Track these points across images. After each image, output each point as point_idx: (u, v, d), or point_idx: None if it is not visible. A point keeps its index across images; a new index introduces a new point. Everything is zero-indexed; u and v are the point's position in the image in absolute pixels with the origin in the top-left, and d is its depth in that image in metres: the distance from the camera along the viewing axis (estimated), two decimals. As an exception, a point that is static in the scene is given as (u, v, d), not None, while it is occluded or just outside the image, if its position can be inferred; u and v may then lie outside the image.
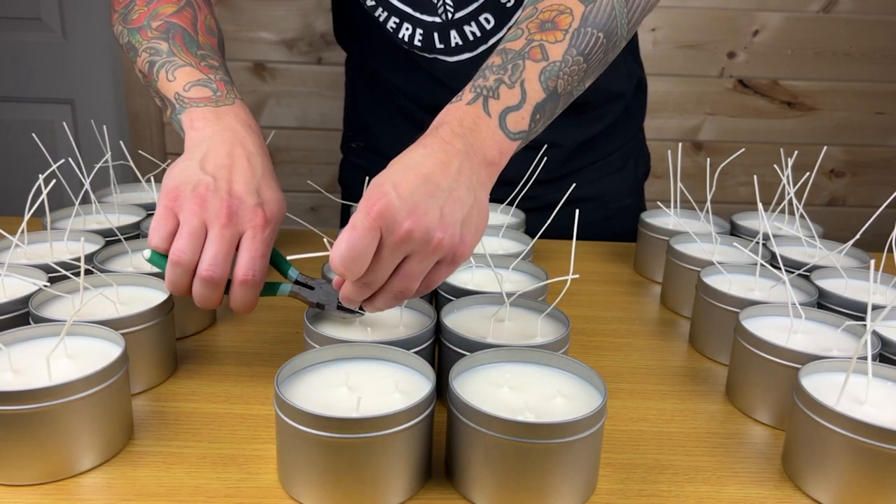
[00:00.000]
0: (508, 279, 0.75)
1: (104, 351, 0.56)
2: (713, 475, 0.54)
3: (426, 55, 0.94)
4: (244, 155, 0.63)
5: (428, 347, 0.60)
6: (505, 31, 0.91)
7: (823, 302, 0.73)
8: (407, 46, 0.94)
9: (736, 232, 0.95)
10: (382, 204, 0.52)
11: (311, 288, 0.63)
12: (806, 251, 0.87)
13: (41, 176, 0.71)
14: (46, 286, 0.64)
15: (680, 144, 0.99)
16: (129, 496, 0.49)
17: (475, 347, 0.58)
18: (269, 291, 0.62)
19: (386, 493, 0.48)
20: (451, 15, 0.90)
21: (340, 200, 1.03)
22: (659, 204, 0.98)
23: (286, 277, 0.64)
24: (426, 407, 0.49)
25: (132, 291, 0.67)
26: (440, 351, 0.62)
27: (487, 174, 0.58)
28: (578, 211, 0.66)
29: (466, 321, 0.65)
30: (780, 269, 0.75)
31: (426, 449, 0.50)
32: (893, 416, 0.52)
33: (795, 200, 0.85)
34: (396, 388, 0.52)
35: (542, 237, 0.90)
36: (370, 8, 0.92)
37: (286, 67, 1.84)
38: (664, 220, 0.97)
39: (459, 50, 0.93)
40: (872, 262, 0.69)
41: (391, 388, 0.52)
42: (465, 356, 0.55)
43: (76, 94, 1.94)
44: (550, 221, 0.78)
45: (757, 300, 0.69)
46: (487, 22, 0.90)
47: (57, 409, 0.49)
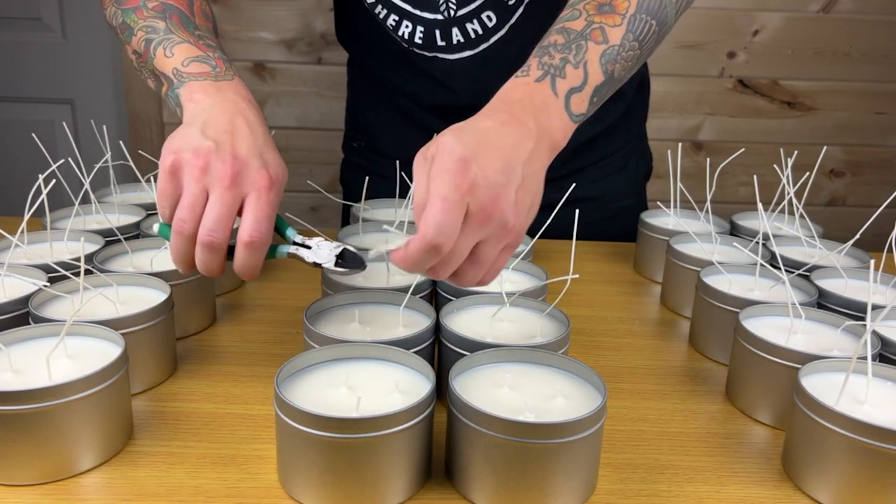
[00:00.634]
0: (508, 279, 0.75)
1: (104, 351, 0.56)
2: (713, 475, 0.54)
3: (426, 53, 0.94)
4: (245, 123, 0.62)
5: (427, 347, 0.60)
6: (506, 28, 0.91)
7: (823, 302, 0.73)
8: (407, 45, 0.94)
9: (736, 232, 0.95)
10: (471, 180, 0.50)
11: (308, 248, 0.62)
12: (806, 251, 0.87)
13: (41, 176, 0.71)
14: (46, 286, 0.64)
15: (680, 144, 0.99)
16: (129, 496, 0.49)
17: (475, 347, 0.58)
18: (268, 255, 0.60)
19: (386, 493, 0.48)
20: (453, 12, 0.90)
21: (340, 200, 1.03)
22: (659, 204, 0.98)
23: (285, 239, 0.63)
24: (426, 407, 0.49)
25: (132, 291, 0.67)
26: (440, 351, 0.62)
27: (549, 157, 0.59)
28: (579, 211, 0.66)
29: (466, 321, 0.65)
30: (779, 269, 0.75)
31: (426, 449, 0.50)
32: (893, 416, 0.52)
33: (795, 200, 0.85)
34: (396, 388, 0.52)
35: (542, 237, 0.90)
36: (370, 6, 0.92)
37: (286, 67, 1.84)
38: (664, 220, 0.97)
39: (461, 48, 0.93)
40: (872, 262, 0.69)
41: (391, 388, 0.52)
42: (464, 356, 0.55)
43: (76, 94, 1.94)
44: (551, 221, 0.78)
45: (757, 300, 0.69)
46: (489, 20, 0.90)
47: (57, 409, 0.49)
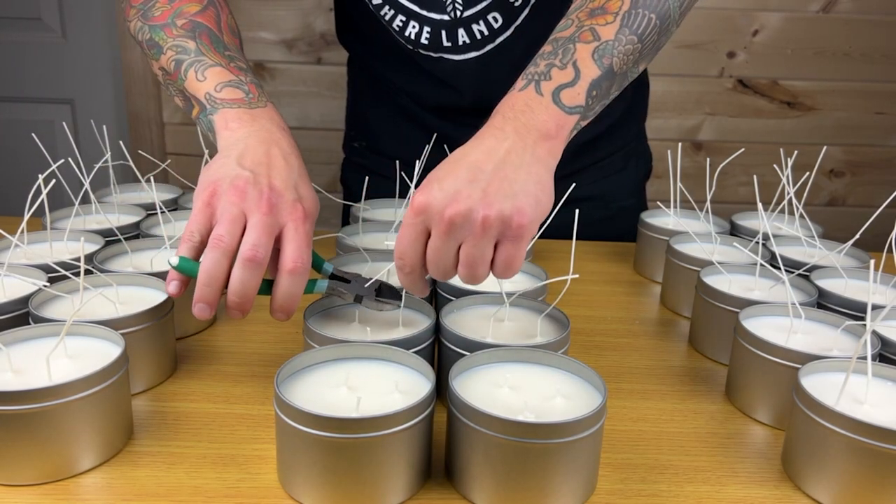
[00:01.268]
0: (508, 279, 0.75)
1: (104, 351, 0.56)
2: (713, 475, 0.54)
3: (431, 54, 0.94)
4: (281, 154, 0.64)
5: (427, 347, 0.60)
6: (512, 30, 0.91)
7: (823, 302, 0.73)
8: (412, 46, 0.94)
9: (736, 232, 0.95)
10: (423, 198, 0.55)
11: (347, 282, 0.63)
12: (806, 251, 0.87)
13: (41, 176, 0.71)
14: (46, 286, 0.64)
15: (680, 144, 0.99)
16: (129, 496, 0.49)
17: (475, 347, 0.58)
18: (306, 289, 0.61)
19: (386, 493, 0.48)
20: (459, 13, 0.90)
21: (341, 200, 1.03)
22: (659, 204, 0.98)
23: (321, 273, 0.64)
24: (426, 407, 0.49)
25: (132, 291, 0.67)
26: (440, 351, 0.62)
27: (546, 149, 0.59)
28: (579, 211, 0.66)
29: (466, 321, 0.65)
30: (779, 269, 0.75)
31: (426, 449, 0.50)
32: (893, 415, 0.52)
33: (795, 200, 0.85)
34: (396, 388, 0.52)
35: (542, 237, 0.90)
36: (376, 7, 0.92)
37: (286, 67, 1.84)
38: (664, 220, 0.97)
39: (467, 48, 0.93)
40: (872, 262, 0.69)
41: (391, 388, 0.52)
42: (464, 356, 0.55)
43: (76, 94, 1.94)
44: (551, 221, 0.78)
45: (757, 300, 0.69)
46: (495, 21, 0.90)
47: (57, 409, 0.49)
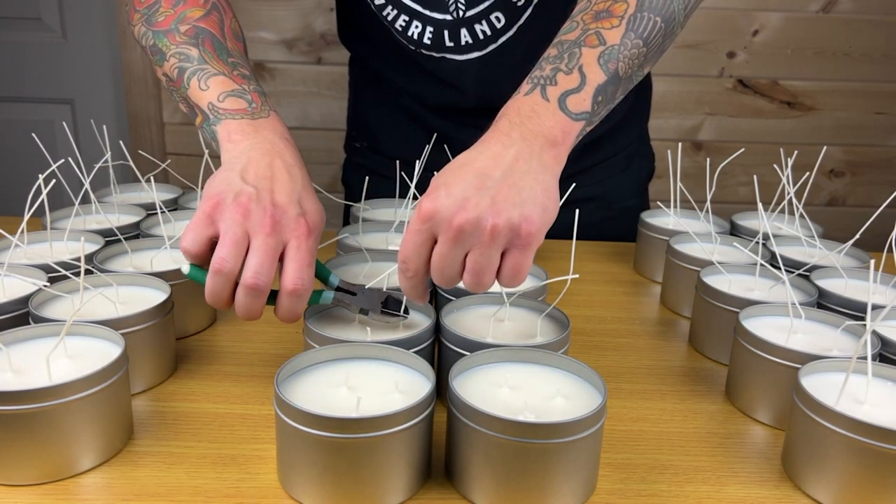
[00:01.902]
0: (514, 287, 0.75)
1: (104, 351, 0.56)
2: (713, 475, 0.54)
3: (434, 54, 0.94)
4: (284, 167, 0.63)
5: (427, 347, 0.60)
6: (514, 29, 0.91)
7: (823, 302, 0.73)
8: (414, 46, 0.94)
9: (736, 232, 0.95)
10: (430, 205, 0.54)
11: (353, 294, 0.62)
12: (806, 251, 0.87)
13: (41, 176, 0.71)
14: (46, 286, 0.64)
15: (680, 144, 0.99)
16: (129, 496, 0.49)
17: (475, 347, 0.58)
18: (312, 300, 0.61)
19: (386, 493, 0.48)
20: (462, 13, 0.90)
21: (341, 200, 1.03)
22: (659, 204, 0.98)
23: (327, 285, 0.63)
24: (426, 407, 0.49)
25: (132, 291, 0.67)
26: (440, 351, 0.62)
27: (552, 156, 0.58)
28: (581, 211, 0.66)
29: (466, 321, 0.65)
30: (779, 268, 0.75)
31: (426, 449, 0.50)
32: (893, 415, 0.52)
33: (795, 200, 0.85)
34: (396, 388, 0.52)
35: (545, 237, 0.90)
36: (378, 7, 0.92)
37: (286, 67, 1.84)
38: (664, 220, 0.97)
39: (469, 49, 0.93)
40: (872, 261, 0.69)
41: (391, 388, 0.52)
42: (464, 356, 0.55)
43: (76, 94, 1.94)
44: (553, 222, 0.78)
45: (757, 300, 0.69)
46: (498, 21, 0.90)
47: (57, 409, 0.49)
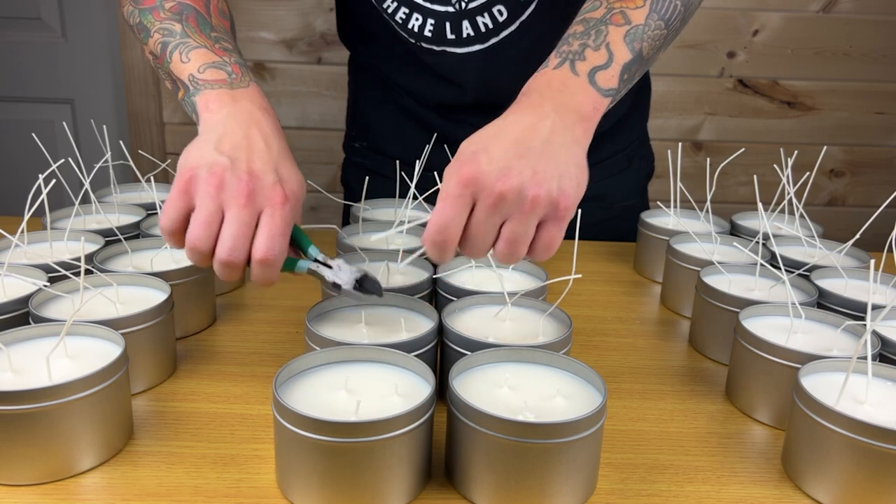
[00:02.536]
0: (508, 279, 0.75)
1: (104, 351, 0.56)
2: (713, 475, 0.54)
3: (434, 48, 0.94)
4: (261, 136, 0.62)
5: (430, 350, 0.60)
6: (517, 24, 0.92)
7: (823, 302, 0.73)
8: (415, 39, 0.94)
9: (736, 232, 0.95)
10: (471, 170, 0.53)
11: (329, 267, 0.62)
12: (806, 251, 0.87)
13: (41, 176, 0.71)
14: (46, 286, 0.64)
15: (680, 144, 0.99)
16: (129, 496, 0.49)
17: (477, 347, 0.58)
18: (287, 267, 0.60)
19: (386, 497, 0.48)
20: (464, 5, 0.90)
21: (341, 200, 1.03)
22: (659, 204, 0.98)
23: (306, 255, 0.63)
24: (426, 410, 0.49)
25: (132, 291, 0.67)
26: (443, 351, 0.62)
27: (583, 130, 0.59)
28: (583, 211, 0.66)
29: (468, 321, 0.65)
30: (779, 268, 0.75)
31: (426, 452, 0.50)
32: (893, 415, 0.52)
33: (795, 200, 0.85)
34: (396, 391, 0.52)
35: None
36: (378, 0, 0.92)
37: (286, 67, 1.84)
38: (664, 219, 0.97)
39: (470, 41, 0.93)
40: (872, 261, 0.69)
41: (390, 391, 0.52)
42: (465, 356, 0.55)
43: (76, 94, 1.94)
44: None
45: (757, 300, 0.69)
46: (500, 14, 0.90)
47: (57, 409, 0.49)
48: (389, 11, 0.93)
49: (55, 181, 0.73)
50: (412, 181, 0.86)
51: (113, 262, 0.75)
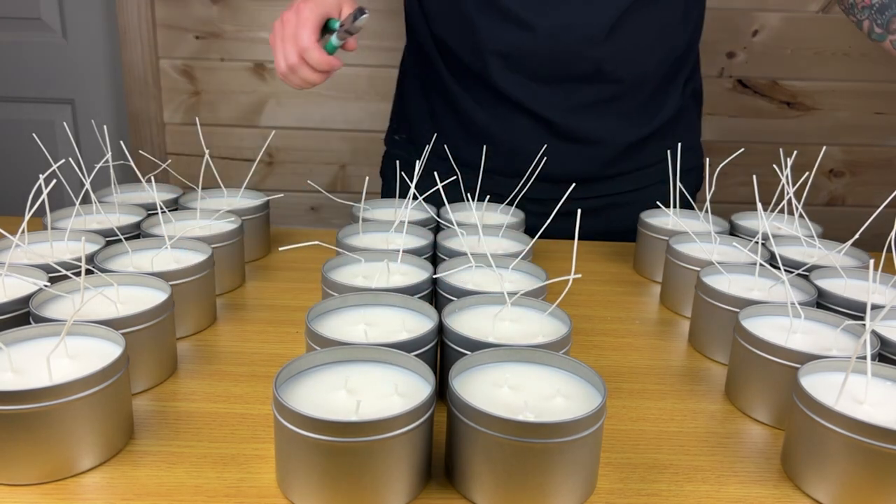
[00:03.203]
0: (508, 279, 0.75)
1: (104, 351, 0.56)
2: (713, 475, 0.55)
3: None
4: None
5: (431, 349, 0.60)
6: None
7: (823, 302, 0.73)
8: None
9: (735, 232, 0.95)
10: None
11: (344, 28, 0.89)
12: (805, 251, 0.87)
13: (41, 176, 0.71)
14: (47, 286, 0.64)
15: (679, 144, 0.99)
16: (129, 496, 0.49)
17: (477, 347, 0.58)
18: (328, 49, 0.89)
19: (386, 497, 0.48)
20: None
21: (341, 200, 1.03)
22: (658, 204, 0.98)
23: (333, 32, 0.90)
24: (426, 410, 0.49)
25: (132, 291, 0.67)
26: (443, 351, 0.62)
27: None
28: (580, 213, 0.65)
29: (468, 321, 0.65)
30: (779, 268, 0.75)
31: (426, 452, 0.50)
32: (893, 415, 0.52)
33: (795, 200, 0.85)
34: (396, 390, 0.52)
35: (544, 237, 0.90)
36: None
37: (286, 67, 1.83)
38: (664, 219, 0.97)
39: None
40: (872, 261, 0.69)
41: (390, 390, 0.52)
42: (465, 356, 0.55)
43: (76, 94, 1.94)
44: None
45: (756, 300, 0.69)
46: None
47: (57, 409, 0.49)
48: None
49: (56, 181, 0.73)
50: (412, 181, 0.86)
51: (113, 262, 0.75)
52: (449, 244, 0.83)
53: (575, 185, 0.88)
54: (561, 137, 1.02)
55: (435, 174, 0.93)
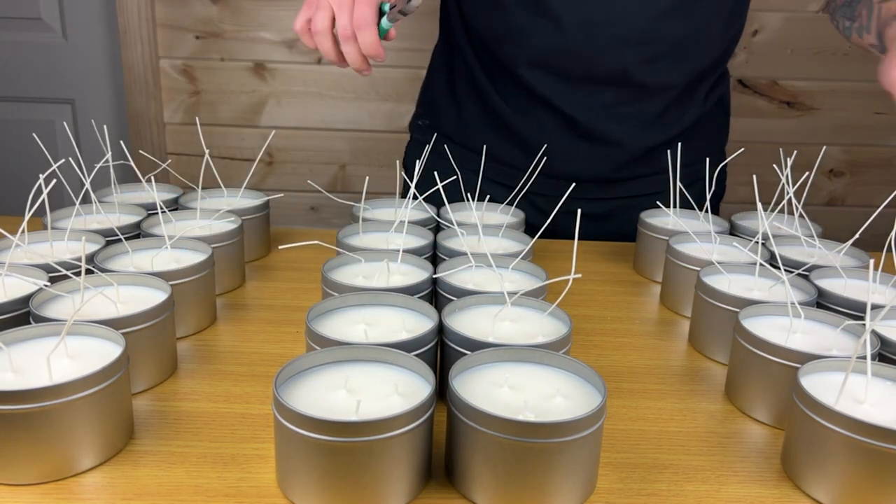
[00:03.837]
0: (508, 279, 0.75)
1: (104, 351, 0.56)
2: (712, 475, 0.55)
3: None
4: None
5: (430, 349, 0.60)
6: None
7: (823, 301, 0.73)
8: None
9: (735, 232, 0.95)
10: None
11: (395, 8, 0.81)
12: (805, 251, 0.87)
13: (41, 176, 0.71)
14: (47, 286, 0.64)
15: (679, 144, 0.99)
16: (129, 496, 0.49)
17: (477, 347, 0.58)
18: (380, 33, 0.82)
19: (386, 497, 0.48)
20: None
21: (341, 200, 1.03)
22: (658, 204, 0.98)
23: (384, 14, 0.82)
24: (426, 410, 0.49)
25: (132, 291, 0.67)
26: (443, 351, 0.62)
27: None
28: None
29: (468, 321, 0.65)
30: (779, 268, 0.75)
31: (427, 452, 0.50)
32: (893, 415, 0.52)
33: (795, 200, 0.85)
34: (396, 390, 0.52)
35: (543, 237, 0.90)
36: None
37: (286, 67, 1.84)
38: (664, 219, 0.97)
39: None
40: (872, 261, 0.69)
41: (391, 390, 0.52)
42: (465, 356, 0.55)
43: (76, 94, 1.94)
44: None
45: (756, 300, 0.69)
46: None
47: (57, 408, 0.49)
48: None
49: (56, 181, 0.73)
50: (412, 181, 0.86)
51: (113, 261, 0.75)
52: (449, 244, 0.83)
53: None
54: (580, 136, 1.02)
55: (435, 174, 0.93)
